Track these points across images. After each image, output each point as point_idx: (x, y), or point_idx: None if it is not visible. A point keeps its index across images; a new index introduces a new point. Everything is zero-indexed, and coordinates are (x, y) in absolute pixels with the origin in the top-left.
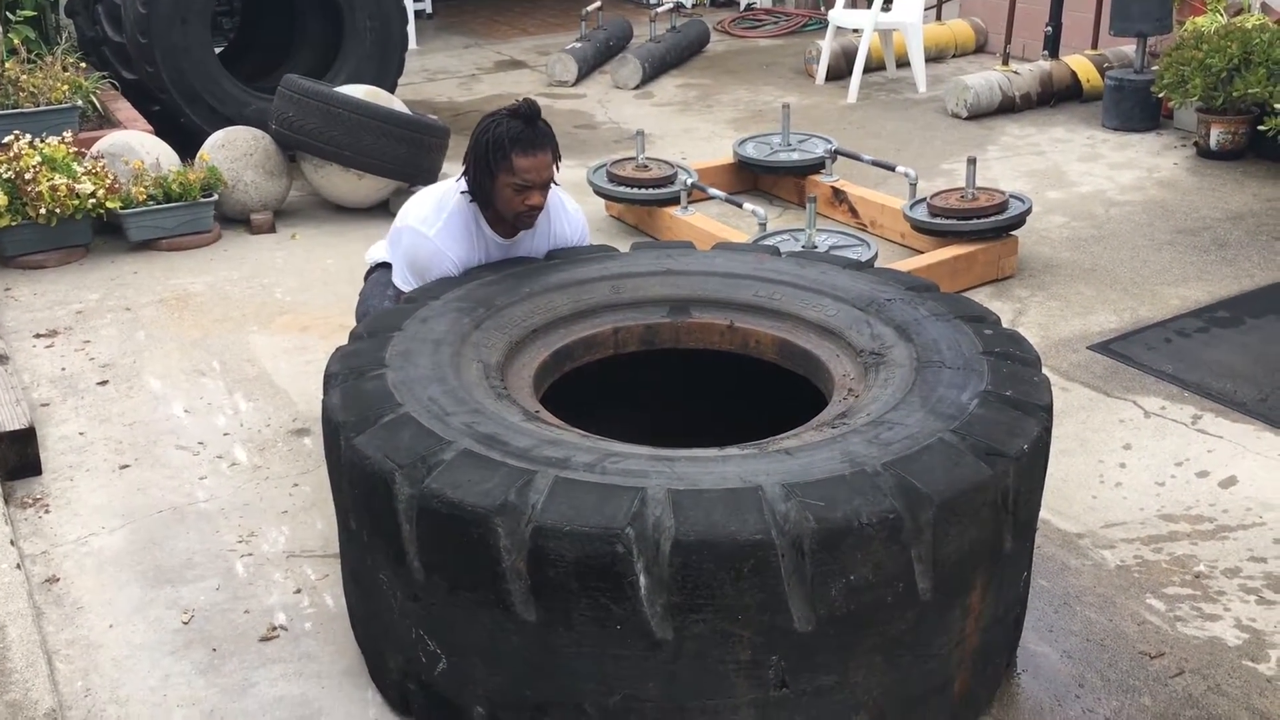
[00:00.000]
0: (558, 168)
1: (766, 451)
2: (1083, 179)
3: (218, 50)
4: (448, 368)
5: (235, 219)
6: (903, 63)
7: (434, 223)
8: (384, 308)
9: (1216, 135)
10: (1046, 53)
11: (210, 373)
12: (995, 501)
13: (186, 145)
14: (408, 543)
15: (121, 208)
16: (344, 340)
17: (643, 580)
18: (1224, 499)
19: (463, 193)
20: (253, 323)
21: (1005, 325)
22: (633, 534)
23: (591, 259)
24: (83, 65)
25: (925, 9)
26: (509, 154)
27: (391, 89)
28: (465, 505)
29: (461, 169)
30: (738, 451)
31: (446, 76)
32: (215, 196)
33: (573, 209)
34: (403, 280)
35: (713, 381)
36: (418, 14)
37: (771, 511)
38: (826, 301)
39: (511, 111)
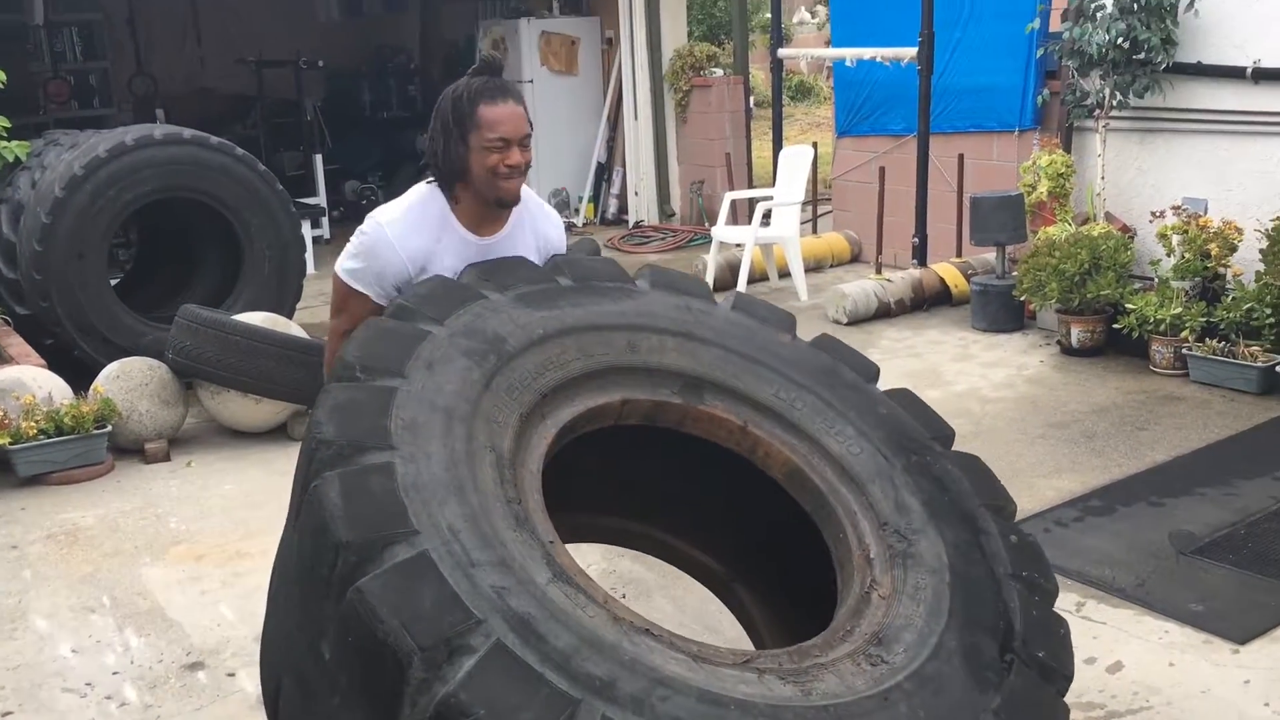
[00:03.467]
0: (531, 125)
1: (811, 701)
2: (958, 378)
3: (113, 282)
4: (463, 466)
5: (129, 449)
6: (784, 273)
7: (391, 212)
8: (378, 324)
9: (1076, 334)
10: (916, 261)
11: (100, 609)
12: None
13: (81, 377)
14: None
15: (11, 443)
16: (240, 570)
17: None
18: (1112, 684)
19: (429, 181)
20: (145, 555)
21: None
22: None
23: (608, 292)
24: None
25: (801, 223)
26: (475, 107)
27: (290, 314)
28: None
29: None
30: (781, 690)
31: None
32: (109, 428)
33: (549, 209)
34: (348, 272)
35: (713, 463)
36: (315, 240)
37: None
38: (850, 432)
39: (472, 71)
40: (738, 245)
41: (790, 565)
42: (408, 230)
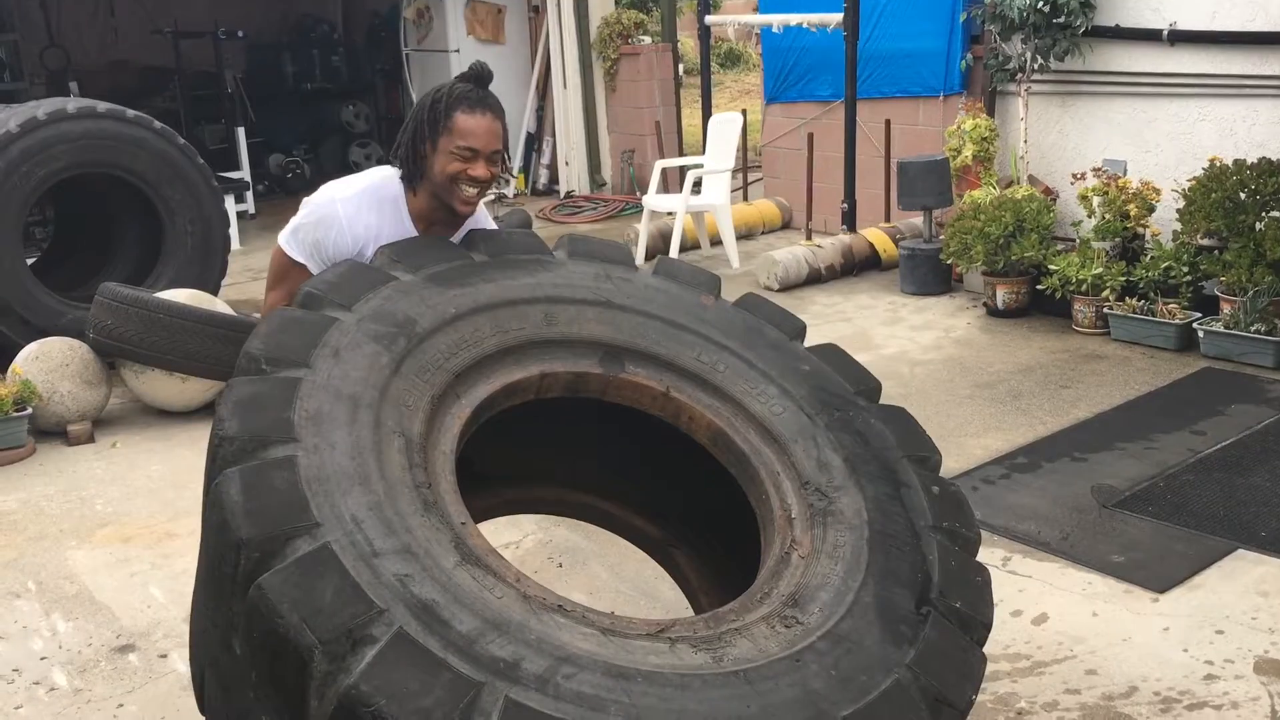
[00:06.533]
0: (507, 145)
1: (722, 667)
2: (888, 341)
3: (30, 261)
4: (369, 454)
5: (52, 431)
6: (716, 241)
7: (346, 189)
8: (284, 314)
9: (1002, 295)
10: (845, 227)
11: (25, 594)
12: None
13: None
14: None
15: None
16: (170, 551)
17: None
18: (1037, 636)
19: (390, 164)
20: (71, 538)
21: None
22: None
23: (522, 265)
24: None
25: (732, 191)
26: (452, 112)
27: (215, 291)
28: None
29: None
30: (693, 658)
31: None
32: (29, 410)
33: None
34: (287, 241)
35: (644, 429)
36: (240, 215)
37: None
38: (773, 392)
39: (461, 75)
40: (669, 214)
41: (725, 527)
42: (360, 209)
